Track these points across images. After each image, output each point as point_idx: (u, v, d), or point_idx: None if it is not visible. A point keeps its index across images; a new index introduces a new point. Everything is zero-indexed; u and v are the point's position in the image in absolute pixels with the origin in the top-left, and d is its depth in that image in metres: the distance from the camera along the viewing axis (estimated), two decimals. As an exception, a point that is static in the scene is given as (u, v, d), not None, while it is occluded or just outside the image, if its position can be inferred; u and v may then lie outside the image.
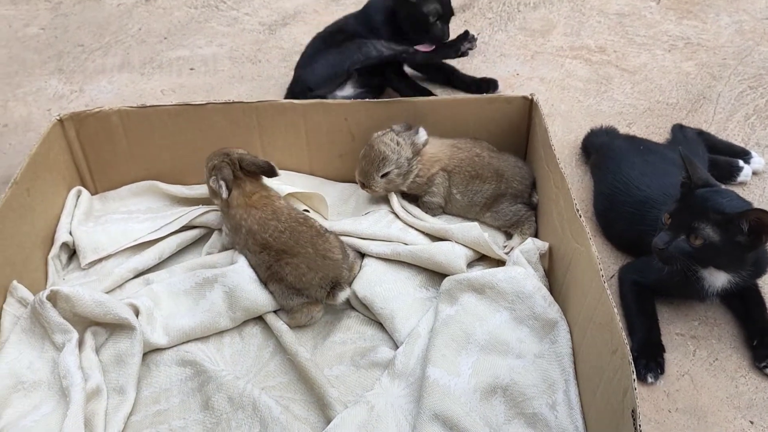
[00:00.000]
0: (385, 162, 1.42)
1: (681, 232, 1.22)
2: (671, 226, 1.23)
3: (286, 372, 1.22)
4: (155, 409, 1.17)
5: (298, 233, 1.29)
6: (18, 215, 1.29)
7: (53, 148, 1.44)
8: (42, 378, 1.16)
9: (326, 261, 1.27)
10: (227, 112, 1.51)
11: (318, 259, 1.27)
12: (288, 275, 1.26)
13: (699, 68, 2.10)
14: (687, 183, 1.26)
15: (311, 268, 1.26)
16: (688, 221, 1.21)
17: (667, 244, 1.22)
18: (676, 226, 1.23)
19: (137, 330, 1.21)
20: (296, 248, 1.27)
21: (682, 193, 1.27)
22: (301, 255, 1.27)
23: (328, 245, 1.29)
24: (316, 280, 1.25)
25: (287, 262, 1.27)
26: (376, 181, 1.45)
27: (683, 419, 1.18)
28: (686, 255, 1.21)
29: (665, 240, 1.22)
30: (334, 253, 1.29)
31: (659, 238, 1.23)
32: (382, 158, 1.42)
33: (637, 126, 1.86)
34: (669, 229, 1.23)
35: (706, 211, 1.19)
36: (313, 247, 1.28)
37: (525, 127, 1.54)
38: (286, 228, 1.29)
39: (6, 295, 1.25)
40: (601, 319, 1.05)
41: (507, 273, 1.25)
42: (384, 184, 1.46)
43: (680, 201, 1.26)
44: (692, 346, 1.30)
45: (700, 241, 1.20)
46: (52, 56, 2.26)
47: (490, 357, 1.17)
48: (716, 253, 1.20)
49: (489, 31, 2.33)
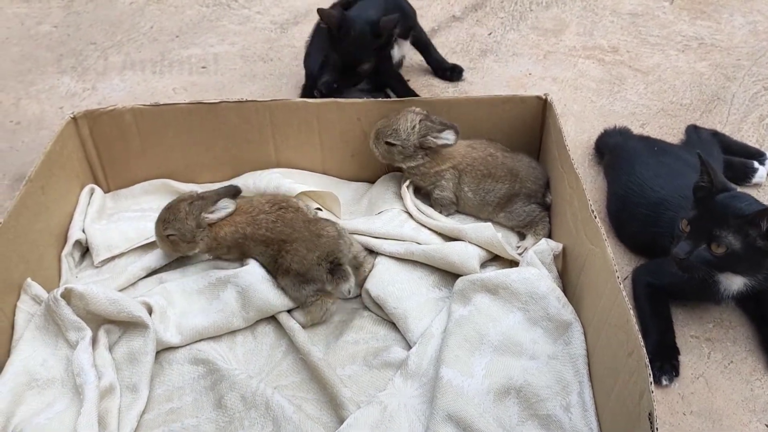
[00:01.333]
0: (393, 134, 1.44)
1: (701, 241, 1.19)
2: (691, 234, 1.21)
3: (299, 371, 1.22)
4: (168, 407, 1.17)
5: (289, 219, 1.32)
6: (32, 213, 1.30)
7: (67, 145, 1.45)
8: (56, 375, 1.17)
9: (321, 239, 1.29)
10: (240, 110, 1.51)
11: (314, 239, 1.28)
12: (292, 263, 1.27)
13: (713, 69, 2.09)
14: (706, 188, 1.24)
15: (309, 249, 1.27)
16: (709, 229, 1.18)
17: (688, 253, 1.19)
18: (696, 234, 1.20)
19: (150, 328, 1.22)
20: (293, 234, 1.29)
21: (700, 198, 1.24)
22: (299, 239, 1.29)
23: (320, 225, 1.32)
24: (314, 258, 1.27)
25: (287, 250, 1.28)
26: (380, 143, 1.47)
27: (698, 422, 1.17)
28: (707, 264, 1.19)
29: (686, 250, 1.19)
30: (328, 231, 1.31)
31: (680, 248, 1.20)
32: (393, 129, 1.44)
33: (650, 127, 1.85)
34: (689, 237, 1.21)
35: (726, 217, 1.17)
36: (307, 229, 1.30)
37: (539, 127, 1.53)
38: (277, 217, 1.32)
39: (20, 293, 1.25)
40: (617, 321, 1.04)
41: (521, 274, 1.24)
42: (384, 152, 1.47)
43: (699, 207, 1.23)
44: (707, 349, 1.29)
45: (722, 250, 1.17)
46: (64, 54, 2.26)
47: (504, 358, 1.17)
48: (737, 261, 1.19)
49: (501, 31, 2.32)
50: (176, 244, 1.34)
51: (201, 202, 1.33)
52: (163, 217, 1.34)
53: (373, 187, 1.57)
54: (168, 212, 1.34)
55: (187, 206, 1.32)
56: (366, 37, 1.73)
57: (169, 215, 1.33)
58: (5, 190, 1.69)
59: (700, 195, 1.25)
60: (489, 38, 2.28)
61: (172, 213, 1.33)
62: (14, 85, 2.11)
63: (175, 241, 1.33)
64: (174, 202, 1.35)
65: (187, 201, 1.34)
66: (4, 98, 2.05)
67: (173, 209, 1.33)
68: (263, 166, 1.56)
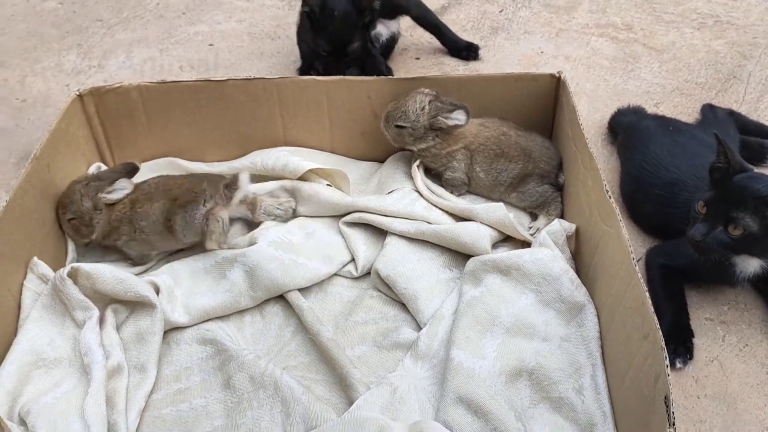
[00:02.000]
0: (402, 117, 1.42)
1: (718, 222, 1.17)
2: (707, 215, 1.18)
3: (308, 352, 1.21)
4: (176, 387, 1.16)
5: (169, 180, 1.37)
6: (38, 191, 1.28)
7: (72, 123, 1.43)
8: (63, 355, 1.16)
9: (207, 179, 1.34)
10: (248, 88, 1.48)
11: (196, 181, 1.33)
12: (180, 197, 1.30)
13: (729, 47, 2.05)
14: (723, 168, 1.21)
15: (193, 185, 1.32)
16: (726, 210, 1.16)
17: (704, 235, 1.17)
18: (712, 215, 1.17)
19: (158, 308, 1.21)
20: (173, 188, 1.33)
21: (716, 179, 1.22)
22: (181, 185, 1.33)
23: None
24: (203, 186, 1.31)
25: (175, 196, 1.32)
26: (390, 127, 1.45)
27: (712, 405, 1.15)
28: (724, 246, 1.17)
29: (702, 231, 1.17)
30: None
31: (696, 229, 1.18)
32: (402, 111, 1.42)
33: (665, 106, 1.81)
34: (705, 219, 1.18)
35: (744, 198, 1.14)
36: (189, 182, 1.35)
37: (551, 105, 1.50)
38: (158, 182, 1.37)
39: (26, 272, 1.24)
40: (632, 303, 1.03)
41: (533, 254, 1.22)
42: (395, 135, 1.45)
43: (715, 188, 1.20)
44: (722, 332, 1.27)
45: (739, 231, 1.15)
46: (70, 31, 2.24)
47: (516, 340, 1.15)
48: (755, 242, 1.16)
49: (512, 8, 2.28)
50: (77, 229, 1.32)
51: (97, 183, 1.32)
52: (60, 202, 1.33)
53: (382, 167, 1.55)
54: (64, 196, 1.33)
55: (82, 188, 1.32)
56: (351, 16, 1.70)
57: (65, 198, 1.32)
58: (11, 168, 1.67)
59: (717, 176, 1.22)
60: (500, 16, 2.25)
61: (68, 196, 1.32)
62: (20, 62, 2.09)
63: (75, 226, 1.32)
64: (70, 184, 1.34)
65: (83, 183, 1.33)
66: (9, 76, 2.03)
67: (68, 192, 1.33)
68: (271, 144, 1.54)
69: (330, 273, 1.33)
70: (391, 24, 1.94)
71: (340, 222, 1.41)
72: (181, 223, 1.30)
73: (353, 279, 1.35)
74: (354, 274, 1.34)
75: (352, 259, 1.36)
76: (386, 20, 1.90)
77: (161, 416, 1.12)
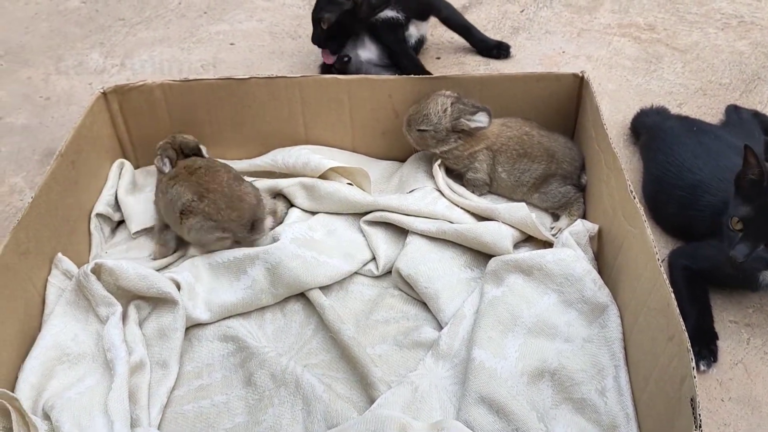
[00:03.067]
0: (424, 120, 1.42)
1: (760, 241, 1.13)
2: (747, 234, 1.14)
3: (329, 350, 1.21)
4: (198, 383, 1.17)
5: (214, 171, 1.34)
6: (63, 188, 1.29)
7: (97, 121, 1.44)
8: (86, 350, 1.17)
9: (242, 203, 1.31)
10: (269, 86, 1.49)
11: (235, 201, 1.30)
12: (206, 207, 1.28)
13: (753, 47, 2.03)
14: (756, 181, 1.16)
15: (228, 206, 1.29)
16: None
17: (747, 256, 1.13)
18: (753, 233, 1.14)
19: (179, 304, 1.21)
20: (212, 185, 1.31)
21: (749, 193, 1.17)
22: (218, 192, 1.30)
23: (243, 188, 1.33)
24: (234, 216, 1.29)
25: (205, 196, 1.30)
26: (413, 131, 1.44)
27: (736, 409, 1.14)
28: (766, 264, 1.15)
29: (745, 252, 1.13)
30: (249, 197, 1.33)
31: (738, 250, 1.14)
32: (424, 114, 1.41)
33: (688, 106, 1.80)
34: (745, 238, 1.14)
35: None
36: (228, 187, 1.31)
37: (574, 105, 1.49)
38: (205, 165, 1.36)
39: (51, 268, 1.25)
40: (656, 305, 1.02)
41: (556, 255, 1.22)
42: (417, 138, 1.45)
43: (752, 203, 1.15)
44: (746, 334, 1.26)
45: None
46: (93, 30, 2.26)
47: (538, 340, 1.15)
48: None
49: (533, 8, 2.27)
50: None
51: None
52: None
53: (403, 166, 1.55)
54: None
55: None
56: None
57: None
58: (35, 166, 1.69)
59: (749, 188, 1.17)
60: (521, 15, 2.24)
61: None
62: (43, 60, 2.11)
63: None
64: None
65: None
66: (33, 74, 2.05)
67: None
68: (292, 142, 1.54)
69: (351, 271, 1.33)
70: (422, 26, 1.94)
71: (361, 220, 1.41)
72: (193, 223, 1.31)
73: (374, 277, 1.35)
74: (375, 273, 1.34)
75: (373, 258, 1.36)
76: (418, 21, 1.91)
77: (183, 412, 1.12)
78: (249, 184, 1.37)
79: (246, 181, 1.37)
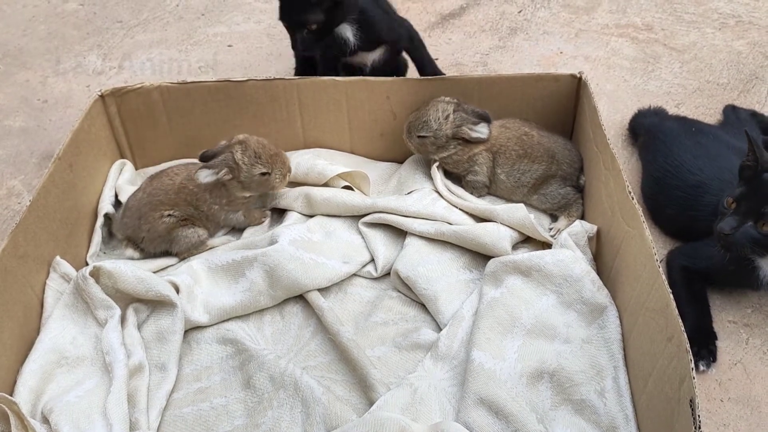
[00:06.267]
0: (424, 127, 1.42)
1: (748, 218, 1.16)
2: (737, 211, 1.17)
3: (327, 352, 1.21)
4: (197, 386, 1.17)
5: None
6: (61, 191, 1.29)
7: (95, 123, 1.44)
8: (85, 353, 1.16)
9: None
10: (267, 88, 1.49)
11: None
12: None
13: (751, 47, 2.03)
14: (752, 166, 1.20)
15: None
16: (757, 206, 1.15)
17: (734, 229, 1.16)
18: (743, 211, 1.17)
19: (178, 307, 1.21)
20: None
21: (746, 177, 1.21)
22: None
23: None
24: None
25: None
26: (413, 137, 1.45)
27: (736, 409, 1.14)
28: (753, 242, 1.15)
29: (732, 225, 1.16)
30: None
31: (725, 223, 1.17)
32: (424, 121, 1.42)
33: (686, 107, 1.80)
34: (735, 213, 1.17)
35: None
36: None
37: (572, 106, 1.49)
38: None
39: (49, 271, 1.25)
40: (655, 305, 1.02)
41: (555, 256, 1.22)
42: (418, 145, 1.45)
43: (746, 185, 1.19)
44: (745, 335, 1.26)
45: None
46: (91, 32, 2.25)
47: (537, 341, 1.15)
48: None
49: (531, 8, 2.27)
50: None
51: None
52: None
53: (401, 167, 1.55)
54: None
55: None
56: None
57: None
58: (33, 168, 1.69)
59: (747, 174, 1.21)
60: (519, 16, 2.24)
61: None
62: (41, 63, 2.11)
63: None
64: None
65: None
66: (31, 76, 2.05)
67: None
68: (291, 144, 1.54)
69: (350, 273, 1.32)
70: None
71: (359, 222, 1.41)
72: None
73: (373, 279, 1.34)
74: (374, 275, 1.34)
75: (371, 260, 1.36)
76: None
77: (182, 415, 1.12)
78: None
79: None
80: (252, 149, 1.34)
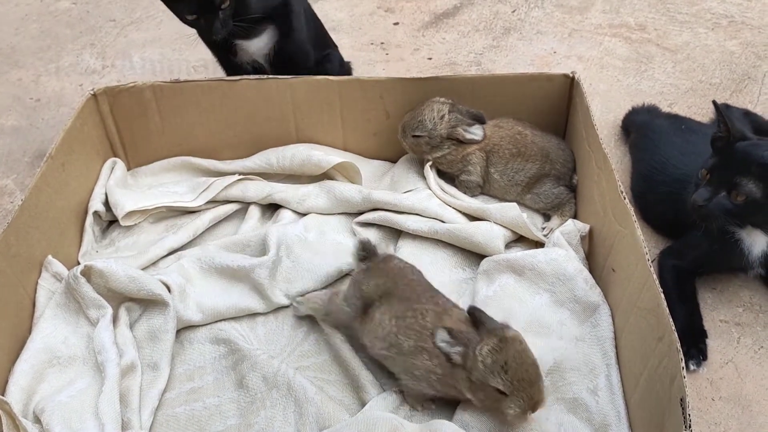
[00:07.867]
0: (419, 126, 1.42)
1: (721, 188, 1.17)
2: (710, 181, 1.18)
3: (320, 352, 1.21)
4: (189, 386, 1.16)
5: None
6: (53, 190, 1.29)
7: (87, 122, 1.43)
8: (77, 353, 1.16)
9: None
10: (261, 87, 1.48)
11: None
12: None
13: (743, 47, 2.04)
14: (724, 137, 1.21)
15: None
16: (729, 176, 1.16)
17: (707, 200, 1.17)
18: (716, 181, 1.18)
19: (170, 306, 1.21)
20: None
21: (719, 147, 1.21)
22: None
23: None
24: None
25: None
26: (407, 137, 1.45)
27: (727, 408, 1.15)
28: (726, 212, 1.17)
29: (705, 196, 1.17)
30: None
31: (698, 194, 1.18)
32: (419, 121, 1.42)
33: (678, 106, 1.80)
34: (708, 184, 1.18)
35: (748, 165, 1.15)
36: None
37: (565, 106, 1.49)
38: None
39: (41, 270, 1.25)
40: (647, 305, 1.02)
41: (548, 254, 1.22)
42: (412, 144, 1.46)
43: (718, 156, 1.20)
44: (736, 333, 1.26)
45: (742, 198, 1.15)
46: (83, 31, 2.25)
47: (530, 339, 1.14)
48: (758, 210, 1.16)
49: (525, 8, 2.28)
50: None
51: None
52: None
53: (395, 167, 1.55)
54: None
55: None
56: None
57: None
58: (26, 168, 1.68)
59: (719, 145, 1.22)
60: (512, 16, 2.24)
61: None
62: (34, 62, 2.10)
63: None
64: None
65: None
66: (23, 75, 2.04)
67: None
68: (284, 143, 1.54)
69: (342, 273, 1.32)
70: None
71: (353, 222, 1.41)
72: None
73: (365, 279, 1.34)
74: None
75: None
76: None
77: (175, 415, 1.12)
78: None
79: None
80: (505, 357, 0.98)
